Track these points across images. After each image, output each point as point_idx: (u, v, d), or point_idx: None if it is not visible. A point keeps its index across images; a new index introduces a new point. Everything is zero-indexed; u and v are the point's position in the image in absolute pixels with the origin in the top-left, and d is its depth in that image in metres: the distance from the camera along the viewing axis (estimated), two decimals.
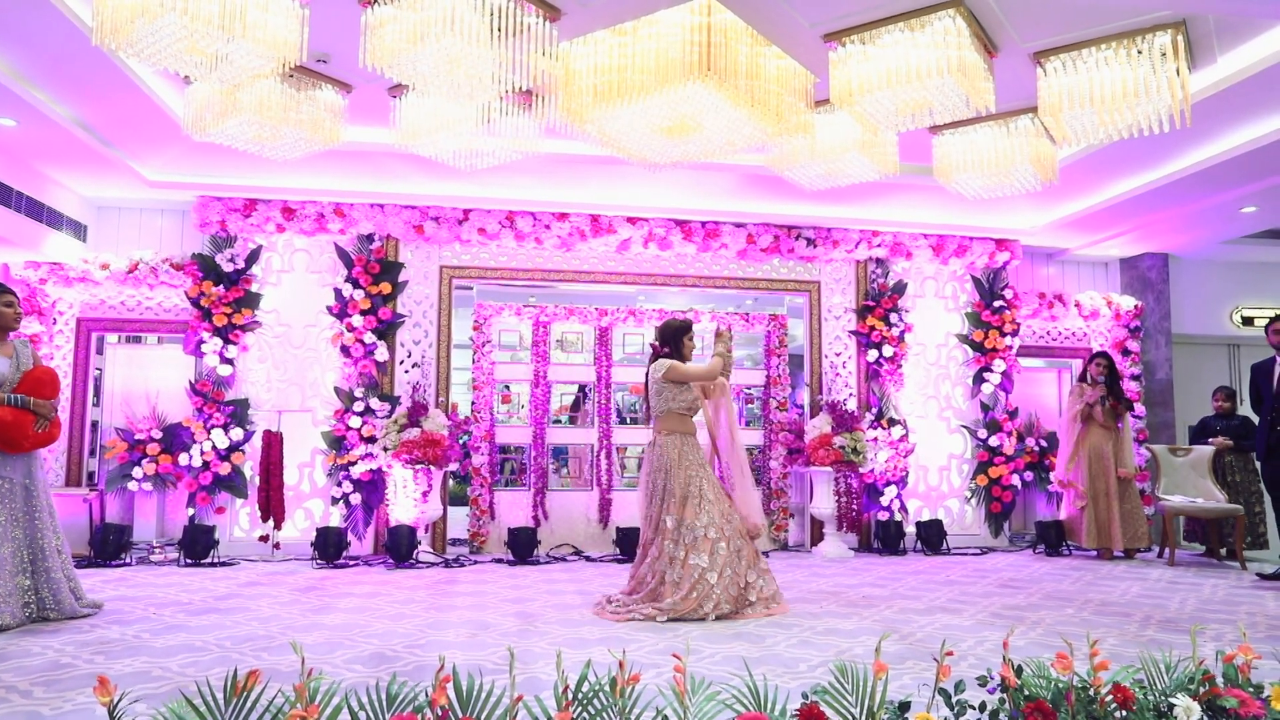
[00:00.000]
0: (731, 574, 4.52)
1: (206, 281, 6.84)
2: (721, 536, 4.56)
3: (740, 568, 4.57)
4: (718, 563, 4.50)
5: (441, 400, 7.14)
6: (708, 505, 4.61)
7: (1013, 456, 7.86)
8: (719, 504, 4.65)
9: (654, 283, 7.65)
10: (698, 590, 4.43)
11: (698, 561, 4.48)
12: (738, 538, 4.63)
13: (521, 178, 6.85)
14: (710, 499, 4.63)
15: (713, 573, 4.47)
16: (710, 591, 4.43)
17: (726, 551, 4.54)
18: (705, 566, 4.48)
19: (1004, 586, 5.64)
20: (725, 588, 4.47)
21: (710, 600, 4.42)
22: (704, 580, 4.45)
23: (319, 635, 3.98)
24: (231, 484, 6.80)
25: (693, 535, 4.55)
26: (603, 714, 2.16)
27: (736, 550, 4.59)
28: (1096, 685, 2.32)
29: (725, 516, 4.63)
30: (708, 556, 4.50)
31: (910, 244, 7.89)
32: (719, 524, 4.58)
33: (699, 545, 4.52)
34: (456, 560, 6.61)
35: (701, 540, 4.53)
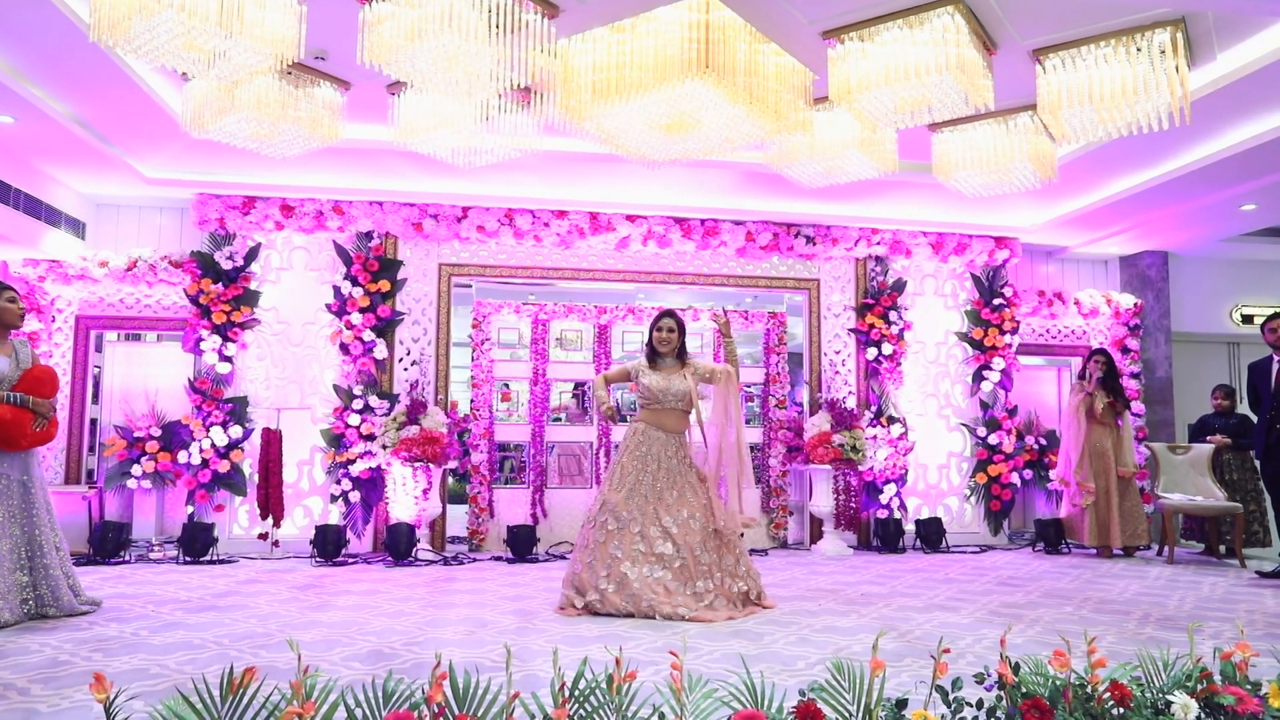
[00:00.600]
0: (637, 574, 4.44)
1: (205, 279, 6.83)
2: (668, 538, 4.52)
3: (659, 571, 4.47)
4: (636, 558, 4.47)
5: (440, 398, 7.13)
6: (639, 498, 4.60)
7: (1012, 454, 7.86)
8: (695, 500, 4.62)
9: (653, 280, 7.65)
10: (620, 584, 4.43)
11: (615, 552, 4.49)
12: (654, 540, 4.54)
13: (521, 175, 6.84)
14: (686, 499, 4.62)
15: (628, 564, 4.45)
16: (630, 585, 4.40)
17: (627, 549, 4.49)
18: (620, 557, 4.47)
19: (1003, 584, 5.64)
20: (646, 584, 4.41)
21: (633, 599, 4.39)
22: (630, 581, 4.42)
23: (317, 633, 3.98)
24: (230, 482, 6.80)
25: (616, 522, 4.55)
26: (599, 711, 2.16)
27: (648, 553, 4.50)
28: (1094, 683, 2.32)
29: (693, 516, 4.58)
30: (625, 547, 4.48)
31: (910, 242, 7.88)
32: (628, 518, 4.55)
33: (622, 535, 4.52)
34: (455, 558, 6.61)
35: (624, 531, 4.53)
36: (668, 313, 4.93)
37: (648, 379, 4.78)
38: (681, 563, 4.50)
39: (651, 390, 4.75)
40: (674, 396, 4.75)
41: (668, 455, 4.72)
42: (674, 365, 4.87)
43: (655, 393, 4.75)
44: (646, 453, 4.70)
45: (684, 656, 2.23)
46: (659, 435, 4.74)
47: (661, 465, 4.69)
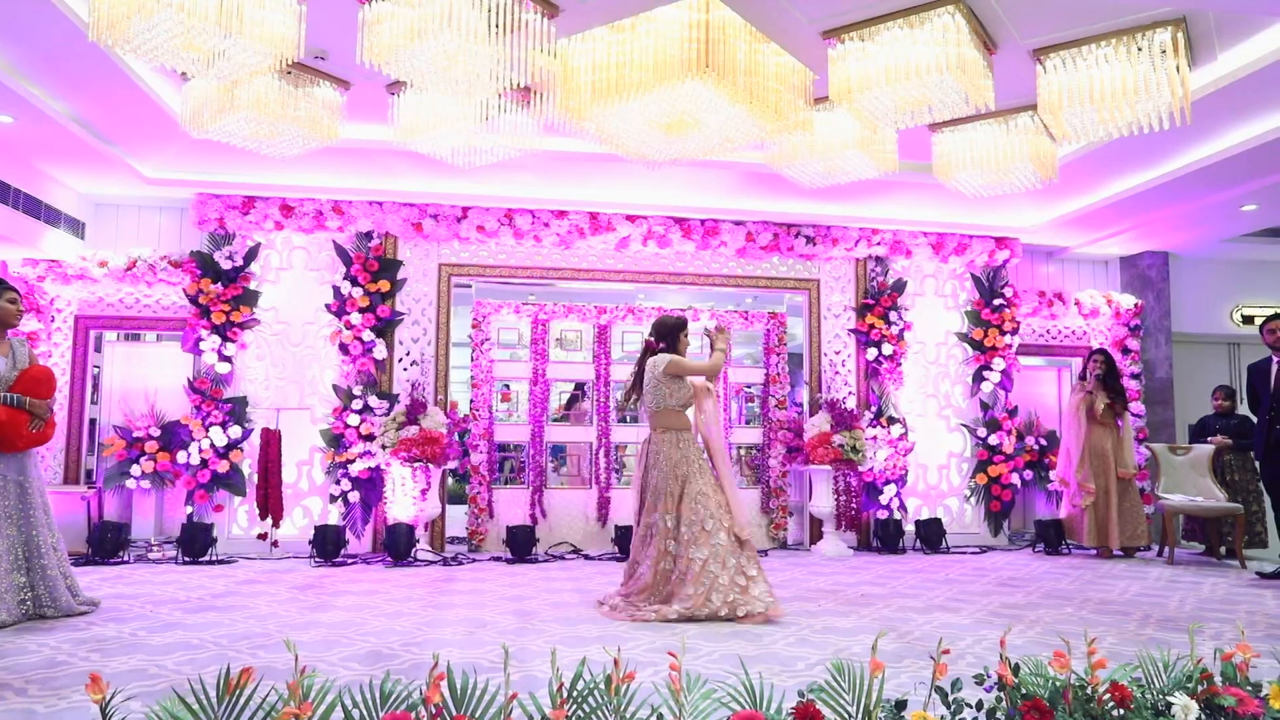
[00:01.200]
0: (736, 564, 4.48)
1: (205, 279, 6.83)
2: (720, 528, 4.53)
3: (741, 559, 4.53)
4: (719, 554, 4.47)
5: (440, 398, 7.13)
6: (704, 500, 4.59)
7: (1012, 455, 7.85)
8: (716, 497, 4.63)
9: (653, 280, 7.64)
10: (703, 583, 4.41)
11: (698, 555, 4.47)
12: (732, 531, 4.60)
13: (520, 175, 6.84)
14: (707, 493, 4.62)
15: (715, 563, 4.45)
16: (715, 582, 4.40)
17: (727, 542, 4.51)
18: (706, 558, 4.46)
19: (1003, 585, 5.63)
20: (732, 577, 4.43)
21: (718, 591, 4.38)
22: (707, 571, 4.43)
23: (316, 633, 3.97)
24: (230, 482, 6.79)
25: (691, 531, 4.53)
26: (598, 712, 2.15)
27: (735, 543, 4.56)
28: (1094, 684, 2.31)
29: (723, 509, 4.61)
30: (707, 549, 4.48)
31: (910, 242, 7.88)
32: (717, 516, 4.56)
33: (698, 539, 4.50)
34: (455, 558, 6.60)
35: (700, 534, 4.52)
36: (688, 322, 5.16)
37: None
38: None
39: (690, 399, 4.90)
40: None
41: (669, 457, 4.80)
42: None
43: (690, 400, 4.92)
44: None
45: (683, 658, 2.22)
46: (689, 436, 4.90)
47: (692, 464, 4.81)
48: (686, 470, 4.66)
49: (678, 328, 4.93)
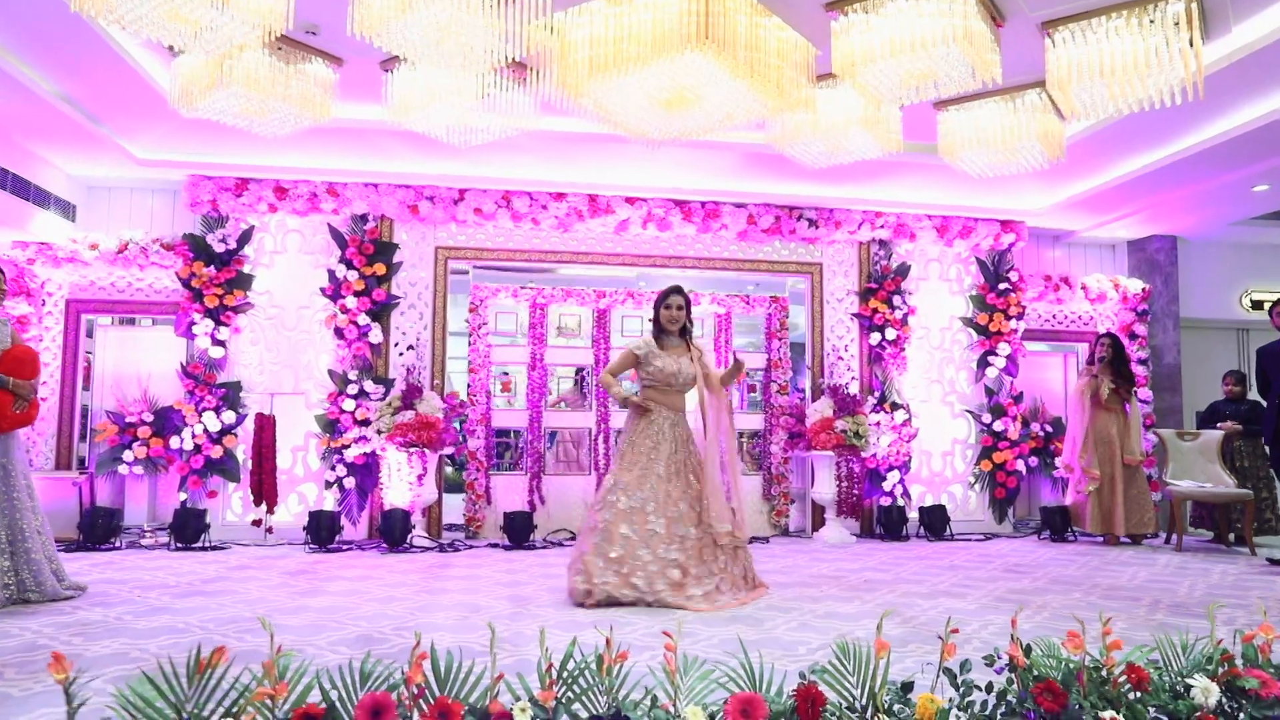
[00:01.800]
0: (652, 557, 4.25)
1: (198, 262, 6.72)
2: (644, 512, 4.33)
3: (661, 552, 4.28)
4: (650, 540, 4.28)
5: (437, 383, 7.03)
6: (653, 480, 4.40)
7: (1017, 441, 7.74)
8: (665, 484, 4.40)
9: (653, 264, 7.53)
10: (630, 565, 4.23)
11: (628, 532, 4.30)
12: (671, 523, 4.35)
13: (518, 157, 6.72)
14: (659, 475, 4.41)
15: (643, 548, 4.26)
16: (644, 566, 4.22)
17: (663, 531, 4.30)
18: (635, 539, 4.27)
19: (1009, 571, 5.52)
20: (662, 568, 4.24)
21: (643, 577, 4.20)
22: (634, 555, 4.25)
23: (305, 618, 3.88)
24: (223, 467, 6.70)
25: (629, 500, 4.36)
26: (589, 694, 2.06)
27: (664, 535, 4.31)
28: (1109, 665, 2.21)
29: (664, 498, 4.38)
30: (639, 529, 4.29)
31: (914, 225, 7.75)
32: (645, 499, 4.35)
33: (638, 512, 4.33)
34: (451, 545, 6.51)
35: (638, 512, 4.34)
36: (676, 289, 4.68)
37: (660, 361, 4.55)
38: (695, 547, 4.36)
39: (665, 372, 4.54)
40: (684, 379, 4.58)
41: (679, 436, 4.56)
42: (680, 345, 4.67)
43: (668, 375, 4.54)
44: (659, 433, 4.53)
45: (681, 642, 2.12)
46: (669, 415, 4.58)
47: (676, 446, 4.53)
48: (678, 449, 4.55)
49: (657, 301, 4.72)
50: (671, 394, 4.60)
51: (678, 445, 4.53)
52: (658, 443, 4.50)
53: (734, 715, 1.96)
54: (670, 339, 4.68)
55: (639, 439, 4.52)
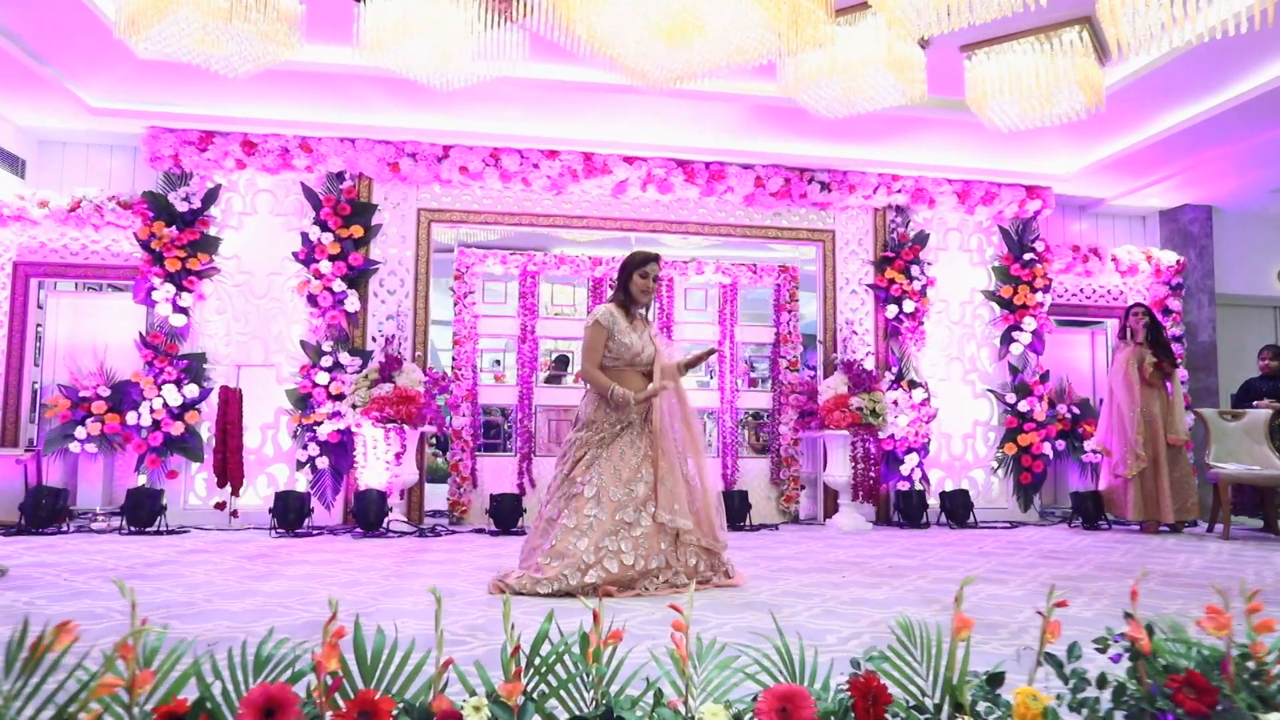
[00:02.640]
0: (612, 543, 3.67)
1: (158, 222, 6.17)
2: (607, 502, 3.73)
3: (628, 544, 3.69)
4: (593, 529, 3.68)
5: (418, 355, 6.48)
6: (601, 465, 3.82)
7: (1044, 423, 7.20)
8: (623, 472, 3.81)
9: (653, 230, 6.98)
10: (564, 558, 3.63)
11: (567, 523, 3.71)
12: (636, 512, 3.76)
13: (508, 110, 6.19)
14: (608, 461, 3.83)
15: (583, 538, 3.66)
16: (578, 560, 3.60)
17: (607, 521, 3.70)
18: (571, 527, 3.69)
19: (1046, 558, 4.99)
20: (600, 559, 3.62)
21: (573, 569, 3.59)
22: (568, 544, 3.65)
23: (251, 603, 3.34)
24: (185, 446, 6.15)
25: (571, 492, 3.81)
26: (569, 686, 1.51)
27: (630, 524, 3.72)
28: (1257, 654, 1.67)
29: (626, 485, 3.79)
30: (576, 517, 3.71)
31: (933, 190, 7.21)
32: (609, 489, 3.76)
33: (573, 505, 3.77)
34: (433, 530, 5.97)
35: (578, 499, 3.77)
36: (656, 256, 4.03)
37: (628, 338, 3.90)
38: (648, 537, 3.75)
39: (631, 351, 3.91)
40: (647, 359, 3.97)
41: (634, 416, 3.93)
42: (641, 322, 4.06)
43: (634, 353, 3.92)
44: (612, 415, 3.89)
45: (688, 625, 1.57)
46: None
47: (635, 427, 3.91)
48: (589, 433, 3.96)
49: (628, 265, 4.02)
50: (633, 375, 3.95)
51: (634, 426, 3.91)
52: (615, 425, 3.89)
53: (769, 715, 1.42)
54: (636, 312, 4.05)
55: (600, 418, 3.90)
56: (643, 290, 3.97)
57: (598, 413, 3.92)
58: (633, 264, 3.99)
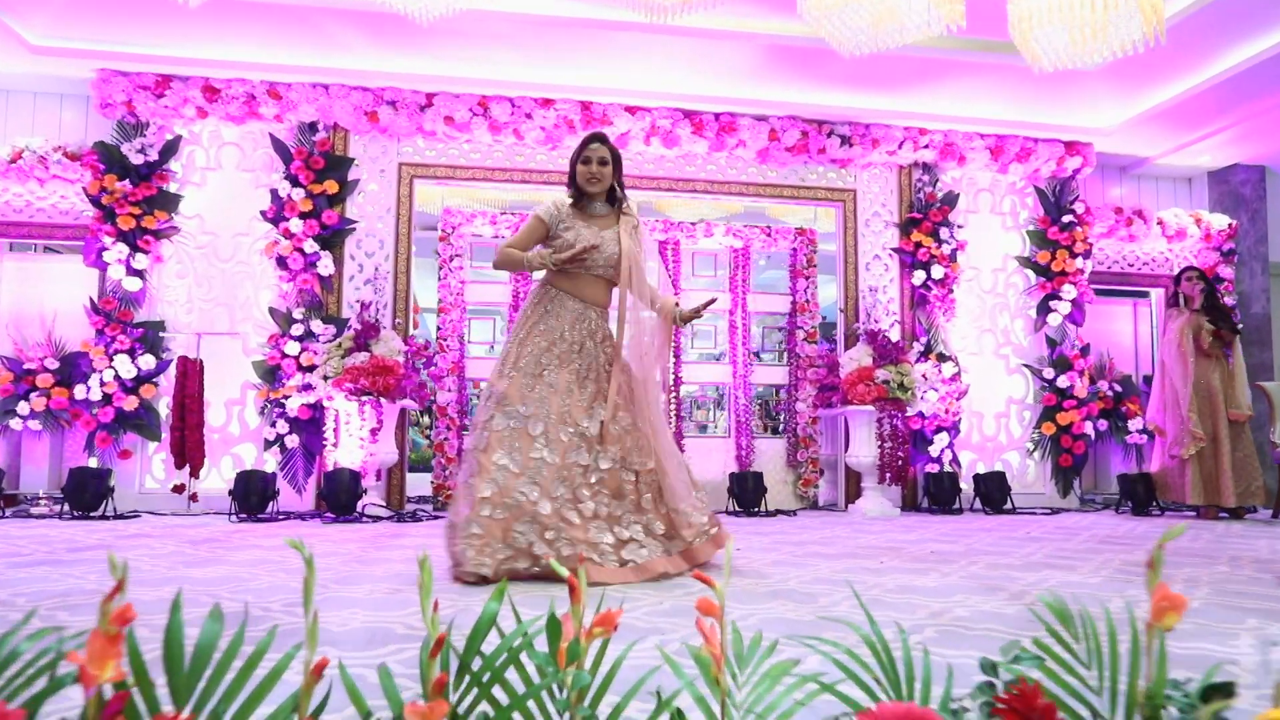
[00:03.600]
0: (567, 491, 3.00)
1: (109, 175, 5.58)
2: (551, 433, 3.04)
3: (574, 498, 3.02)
4: (535, 469, 2.98)
5: (398, 322, 5.88)
6: (543, 390, 3.10)
7: (1085, 400, 6.58)
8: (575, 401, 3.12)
9: (657, 188, 6.37)
10: (483, 509, 2.91)
11: (504, 462, 2.97)
12: (568, 450, 3.06)
13: (497, 51, 5.59)
14: (553, 385, 3.11)
15: (531, 485, 2.95)
16: (528, 504, 2.91)
17: (552, 463, 3.00)
18: (511, 470, 2.96)
19: (1106, 544, 4.37)
20: (560, 502, 2.97)
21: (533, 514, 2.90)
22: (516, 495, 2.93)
23: (169, 590, 2.73)
24: (140, 423, 5.56)
25: (509, 420, 3.05)
26: (528, 704, 0.91)
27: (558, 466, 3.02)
28: None
29: (558, 415, 3.08)
30: (521, 459, 2.99)
31: (964, 145, 6.58)
32: (554, 415, 3.07)
33: (516, 438, 3.02)
34: (413, 515, 5.37)
35: (519, 432, 3.02)
36: (598, 136, 3.34)
37: (572, 232, 3.21)
38: (605, 484, 3.09)
39: (579, 245, 3.18)
40: (607, 258, 3.21)
41: (586, 335, 3.22)
42: (605, 212, 3.32)
43: (584, 250, 3.19)
44: (558, 328, 3.18)
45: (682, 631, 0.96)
46: (576, 306, 3.21)
47: (578, 348, 3.20)
48: (582, 352, 3.26)
49: (574, 155, 3.34)
50: (585, 280, 3.24)
51: (579, 345, 3.20)
52: (554, 340, 3.18)
53: None
54: (593, 205, 3.32)
55: (529, 334, 3.20)
56: (588, 179, 3.24)
57: (536, 312, 3.21)
58: (574, 153, 3.33)
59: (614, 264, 3.24)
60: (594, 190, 3.29)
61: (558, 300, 3.21)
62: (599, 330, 3.27)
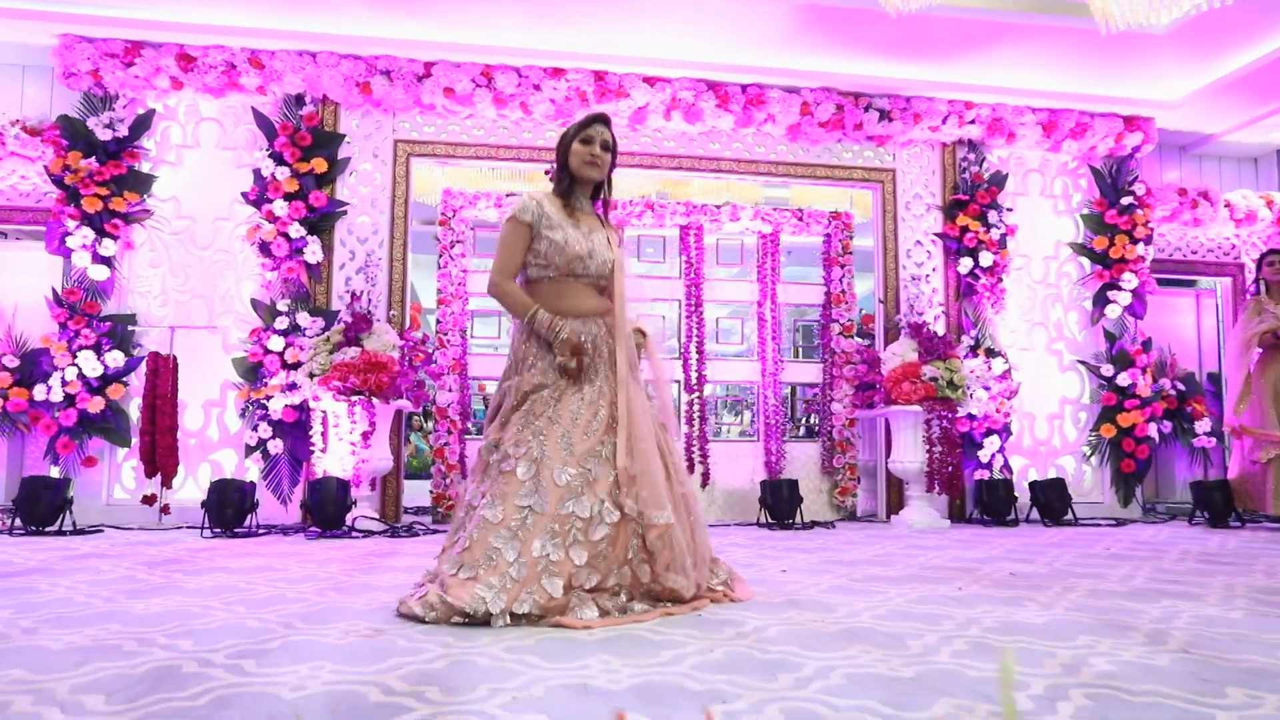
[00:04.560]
0: (555, 552, 2.37)
1: (74, 152, 5.04)
2: (549, 486, 2.43)
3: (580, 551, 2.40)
4: (526, 525, 2.39)
5: (393, 315, 5.32)
6: (541, 424, 2.54)
7: (1148, 400, 5.98)
8: (576, 443, 2.52)
9: (679, 167, 5.81)
10: (483, 566, 2.34)
11: (487, 514, 2.42)
12: (595, 504, 2.46)
13: (503, 15, 5.05)
14: (553, 419, 2.54)
15: (511, 542, 2.36)
16: (503, 575, 2.31)
17: (549, 514, 2.40)
18: (495, 523, 2.39)
19: (1208, 563, 3.78)
20: (540, 564, 2.34)
21: (497, 589, 2.28)
22: (490, 551, 2.35)
23: (91, 634, 2.17)
24: (107, 427, 5.01)
25: (500, 465, 2.52)
26: None
27: (586, 520, 2.43)
28: None
29: (579, 462, 2.49)
30: (503, 506, 2.42)
31: (1013, 121, 6.00)
32: (552, 466, 2.47)
33: (500, 488, 2.46)
34: (409, 529, 4.80)
35: (507, 479, 2.46)
36: (603, 118, 2.74)
37: (561, 232, 2.61)
38: (612, 537, 2.46)
39: (569, 249, 2.60)
40: (599, 264, 2.65)
41: (594, 351, 2.64)
42: (590, 213, 2.77)
43: (574, 256, 2.60)
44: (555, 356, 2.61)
45: None
46: (572, 325, 2.62)
47: (600, 377, 2.63)
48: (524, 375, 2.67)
49: (569, 135, 2.71)
50: (579, 290, 2.65)
51: (594, 363, 2.64)
52: (554, 368, 2.61)
53: None
54: (580, 200, 2.74)
55: (531, 376, 2.61)
56: (588, 161, 2.66)
57: (530, 347, 2.65)
58: (571, 130, 2.70)
59: (607, 273, 2.65)
60: (592, 176, 2.69)
61: (554, 324, 2.60)
62: (603, 343, 2.65)
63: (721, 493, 5.88)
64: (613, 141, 2.74)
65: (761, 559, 3.83)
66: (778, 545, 4.38)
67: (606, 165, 2.72)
